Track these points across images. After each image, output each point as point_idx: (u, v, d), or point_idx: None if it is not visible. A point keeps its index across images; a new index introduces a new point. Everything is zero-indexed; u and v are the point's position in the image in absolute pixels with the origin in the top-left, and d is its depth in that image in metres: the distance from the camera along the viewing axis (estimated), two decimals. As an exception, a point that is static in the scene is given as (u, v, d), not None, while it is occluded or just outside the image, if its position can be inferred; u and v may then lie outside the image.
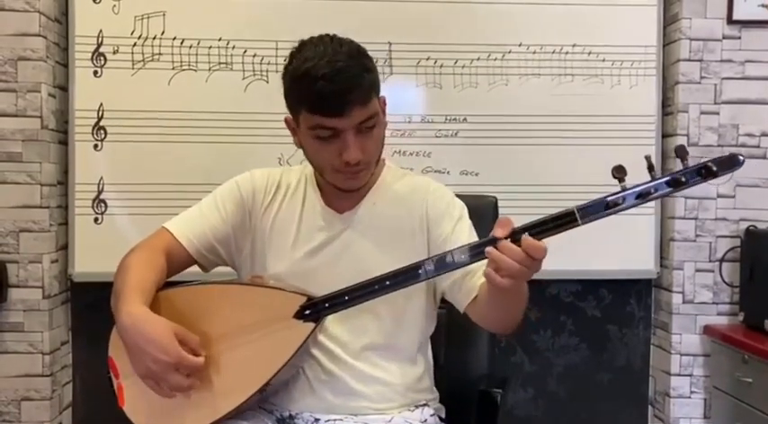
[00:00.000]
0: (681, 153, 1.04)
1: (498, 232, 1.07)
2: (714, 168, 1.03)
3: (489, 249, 1.05)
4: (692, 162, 1.05)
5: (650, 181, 1.05)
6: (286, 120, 1.27)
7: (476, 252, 1.10)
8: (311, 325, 1.18)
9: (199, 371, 1.14)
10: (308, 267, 1.27)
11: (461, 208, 1.32)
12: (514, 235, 1.06)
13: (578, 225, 1.06)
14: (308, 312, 1.19)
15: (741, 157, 1.05)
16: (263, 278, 1.27)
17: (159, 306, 1.20)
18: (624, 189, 1.05)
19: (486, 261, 1.09)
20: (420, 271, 1.14)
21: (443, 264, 1.13)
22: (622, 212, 1.06)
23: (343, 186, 1.25)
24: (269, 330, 1.18)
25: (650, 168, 1.05)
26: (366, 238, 1.27)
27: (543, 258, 1.05)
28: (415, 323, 1.31)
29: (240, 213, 1.31)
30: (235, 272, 1.38)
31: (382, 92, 1.27)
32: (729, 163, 1.05)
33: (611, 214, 1.06)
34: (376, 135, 1.22)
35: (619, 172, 1.06)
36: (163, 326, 1.13)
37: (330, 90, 1.13)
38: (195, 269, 1.35)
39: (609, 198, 1.05)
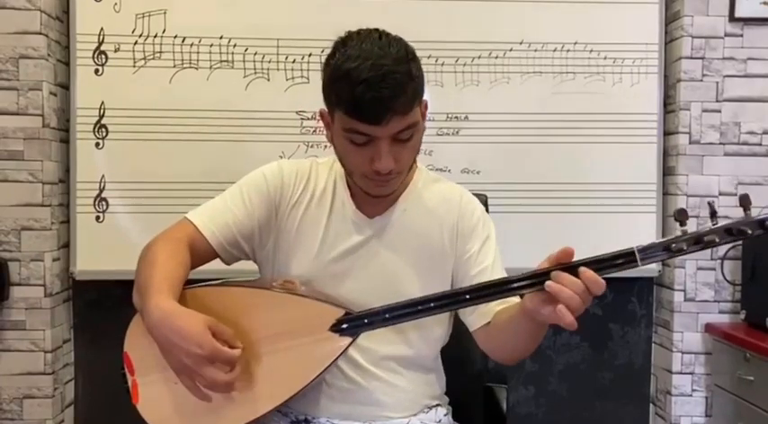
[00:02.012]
0: (744, 202, 1.01)
1: (556, 263, 1.04)
2: None
3: (551, 283, 1.02)
4: (692, 159, 1.04)
5: (711, 229, 1.02)
6: (321, 113, 1.22)
7: (532, 282, 1.05)
8: (347, 339, 1.15)
9: (235, 364, 1.08)
10: (335, 271, 1.24)
11: (490, 226, 1.30)
12: (570, 269, 1.02)
13: (637, 266, 1.03)
14: (345, 326, 1.15)
15: None
16: (295, 285, 1.22)
17: (188, 305, 1.14)
18: (684, 234, 1.02)
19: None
20: (467, 296, 1.11)
21: (493, 292, 1.10)
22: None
23: (372, 192, 1.21)
24: (303, 340, 1.15)
25: (713, 215, 1.02)
26: (395, 246, 1.24)
27: (601, 293, 1.02)
28: (438, 336, 1.30)
29: (266, 208, 1.26)
30: (256, 267, 1.34)
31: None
32: None
33: (670, 257, 1.04)
34: (412, 144, 1.17)
35: (680, 215, 1.03)
36: (195, 319, 1.08)
37: (371, 97, 1.07)
38: (216, 264, 1.31)
39: (671, 243, 1.02)
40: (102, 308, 2.19)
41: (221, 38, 2.13)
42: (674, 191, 2.21)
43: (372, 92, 1.07)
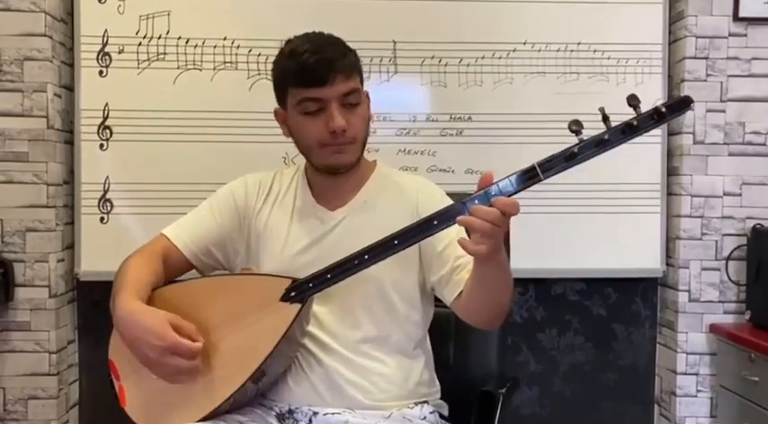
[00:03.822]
0: (633, 102, 1.06)
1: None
2: (664, 110, 1.05)
3: (460, 218, 1.07)
4: (696, 159, 1.06)
5: (605, 131, 1.07)
6: (275, 112, 1.32)
7: (446, 217, 1.11)
8: (297, 306, 1.20)
9: (197, 354, 1.17)
10: (301, 264, 1.28)
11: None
12: (482, 199, 1.08)
13: (540, 180, 1.09)
14: (293, 293, 1.21)
15: (692, 101, 1.07)
16: (251, 270, 1.31)
17: (154, 304, 1.25)
18: (581, 141, 1.08)
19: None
20: (396, 242, 1.15)
21: (418, 232, 1.14)
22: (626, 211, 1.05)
23: (331, 161, 1.28)
24: (257, 315, 1.21)
25: (605, 119, 1.07)
26: (358, 235, 1.27)
27: (516, 213, 1.07)
28: (409, 317, 1.32)
29: (234, 218, 1.36)
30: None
31: (387, 91, 1.30)
32: (680, 106, 1.06)
33: (571, 166, 1.09)
34: (360, 112, 1.27)
35: (576, 125, 1.08)
36: (156, 315, 1.18)
37: (314, 60, 1.21)
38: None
39: (569, 151, 1.08)
40: (106, 309, 2.15)
41: (225, 39, 2.14)
42: (678, 191, 2.21)
43: (315, 55, 1.22)
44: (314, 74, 1.22)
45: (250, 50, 2.14)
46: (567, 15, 2.19)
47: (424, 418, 1.29)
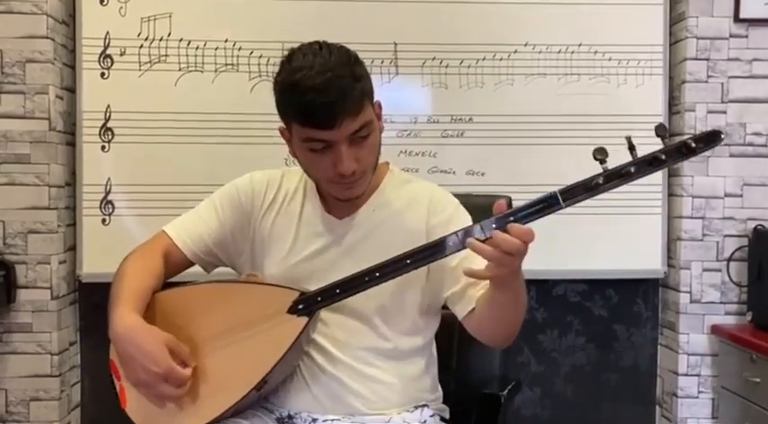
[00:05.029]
0: (661, 132, 1.03)
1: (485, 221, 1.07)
2: (693, 145, 1.02)
3: (471, 242, 1.05)
4: (697, 160, 1.05)
5: (631, 162, 1.04)
6: (280, 131, 1.27)
7: (459, 240, 1.09)
8: (305, 319, 1.18)
9: (186, 382, 1.15)
10: (305, 272, 1.26)
11: (466, 218, 1.30)
12: (500, 223, 1.06)
13: (562, 208, 1.07)
14: (300, 306, 1.19)
15: (723, 134, 1.03)
16: (257, 276, 1.28)
17: (155, 309, 1.22)
18: (605, 171, 1.05)
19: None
20: (408, 261, 1.13)
21: (431, 253, 1.12)
22: (625, 209, 1.04)
23: (341, 196, 1.25)
24: (263, 326, 1.19)
25: (631, 148, 1.04)
26: (365, 244, 1.26)
27: (533, 240, 1.05)
28: (413, 327, 1.30)
29: (238, 217, 1.31)
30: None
31: (388, 93, 1.27)
32: (709, 139, 1.03)
33: (592, 195, 1.06)
34: (370, 143, 1.21)
35: (600, 154, 1.05)
36: (154, 337, 1.15)
37: (320, 102, 1.12)
38: (198, 268, 1.36)
39: (591, 180, 1.05)
40: (107, 311, 2.19)
41: (226, 41, 2.14)
42: (680, 193, 2.21)
43: (321, 97, 1.12)
44: (320, 118, 1.13)
45: (251, 52, 2.15)
46: (567, 17, 2.19)
47: (424, 421, 1.28)
